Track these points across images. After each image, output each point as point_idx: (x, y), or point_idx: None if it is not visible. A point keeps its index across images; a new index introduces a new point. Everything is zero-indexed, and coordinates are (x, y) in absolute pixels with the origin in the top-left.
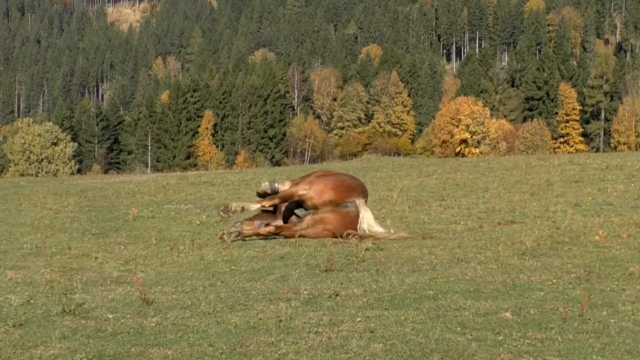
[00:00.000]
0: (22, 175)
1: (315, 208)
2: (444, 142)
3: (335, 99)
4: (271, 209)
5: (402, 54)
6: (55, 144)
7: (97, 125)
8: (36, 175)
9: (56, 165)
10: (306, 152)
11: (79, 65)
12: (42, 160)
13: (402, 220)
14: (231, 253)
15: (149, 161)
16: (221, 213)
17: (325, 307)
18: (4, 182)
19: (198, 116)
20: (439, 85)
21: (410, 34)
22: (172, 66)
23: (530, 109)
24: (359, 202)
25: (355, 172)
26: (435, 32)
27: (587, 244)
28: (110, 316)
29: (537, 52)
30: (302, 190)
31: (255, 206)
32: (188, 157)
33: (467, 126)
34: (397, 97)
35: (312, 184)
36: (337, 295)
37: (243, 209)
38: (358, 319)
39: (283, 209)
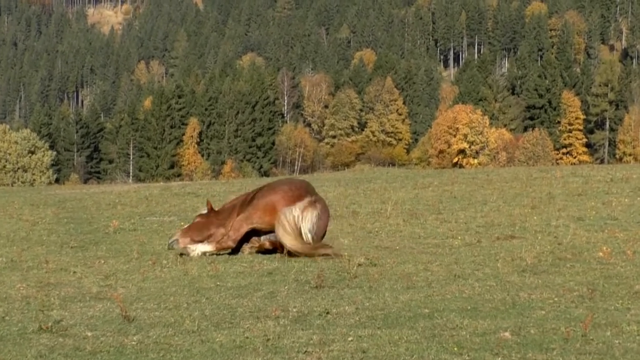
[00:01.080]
0: None
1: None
2: (440, 152)
3: (326, 106)
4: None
5: (397, 60)
6: (32, 152)
7: (77, 132)
8: (12, 185)
9: (33, 174)
10: (296, 162)
11: (58, 70)
12: (18, 169)
13: (396, 235)
14: (216, 268)
15: (131, 171)
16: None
17: (315, 326)
18: None
19: (183, 124)
20: (436, 92)
21: (406, 38)
22: (155, 71)
23: (531, 118)
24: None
25: (348, 184)
26: (432, 36)
27: (590, 260)
28: (90, 334)
29: (539, 58)
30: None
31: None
32: (172, 167)
33: (465, 136)
34: (391, 105)
35: (259, 210)
36: (327, 313)
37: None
38: (350, 338)
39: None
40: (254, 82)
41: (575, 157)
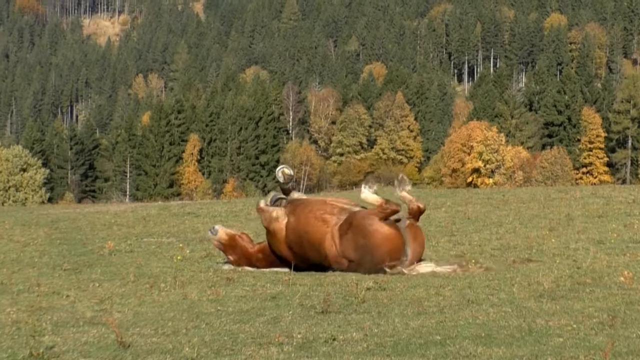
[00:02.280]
0: None
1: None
2: (454, 171)
3: (334, 122)
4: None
5: (408, 74)
6: (24, 170)
7: (71, 149)
8: (3, 205)
9: (25, 193)
10: (302, 181)
11: (52, 83)
12: (9, 187)
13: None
14: (217, 292)
15: (128, 189)
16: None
17: (321, 353)
18: None
19: (182, 140)
20: (449, 108)
21: (418, 51)
22: (154, 84)
23: (549, 136)
24: None
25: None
26: (446, 49)
27: (611, 285)
28: None
29: (558, 72)
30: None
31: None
32: (171, 186)
33: (480, 154)
34: (402, 121)
35: None
36: (334, 339)
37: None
38: None
39: None
40: (258, 96)
41: (595, 177)
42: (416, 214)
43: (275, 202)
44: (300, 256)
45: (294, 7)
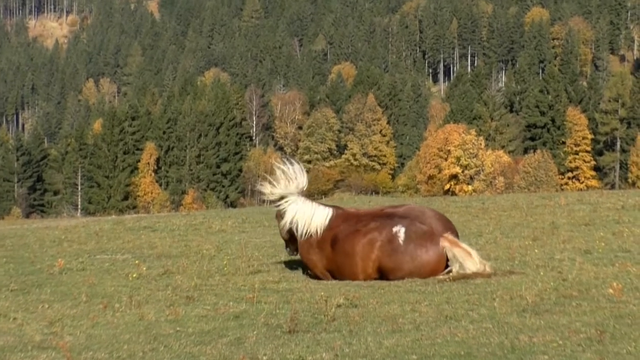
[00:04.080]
0: None
1: None
2: (430, 177)
3: (300, 128)
4: None
5: (379, 74)
6: None
7: (17, 160)
8: None
9: None
10: None
11: None
12: None
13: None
14: (176, 312)
15: (79, 203)
16: None
17: None
18: None
19: (137, 149)
20: (424, 110)
21: (390, 50)
22: (106, 89)
23: (532, 139)
24: None
25: None
26: (420, 47)
27: (599, 298)
28: None
29: (540, 71)
30: None
31: None
32: (126, 198)
33: (458, 159)
34: (374, 125)
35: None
36: None
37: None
38: None
39: None
40: (218, 101)
41: (582, 182)
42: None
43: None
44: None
45: (256, 5)
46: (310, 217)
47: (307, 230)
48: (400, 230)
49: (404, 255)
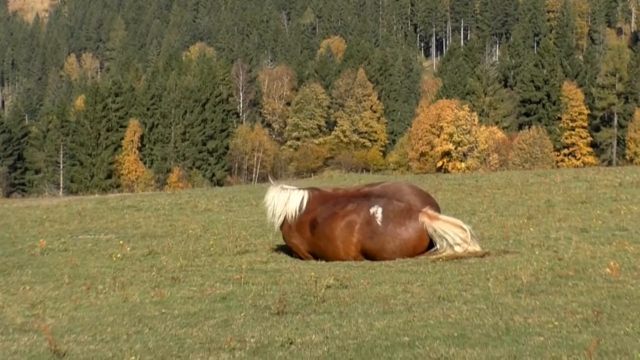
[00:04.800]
0: None
1: None
2: (422, 155)
3: (289, 104)
4: None
5: (370, 48)
6: None
7: None
8: None
9: None
10: (254, 169)
11: None
12: None
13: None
14: (161, 293)
15: (61, 182)
16: None
17: (276, 358)
18: None
19: (121, 126)
20: (416, 85)
21: (380, 23)
22: (88, 65)
23: (527, 114)
24: None
25: None
26: (411, 21)
27: (596, 277)
28: None
29: (535, 44)
30: None
31: None
32: (109, 177)
33: (451, 135)
34: (364, 101)
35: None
36: (291, 343)
37: None
38: None
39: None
40: (204, 76)
41: (578, 159)
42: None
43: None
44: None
45: None
46: (284, 203)
47: (283, 215)
48: (377, 211)
49: (384, 236)
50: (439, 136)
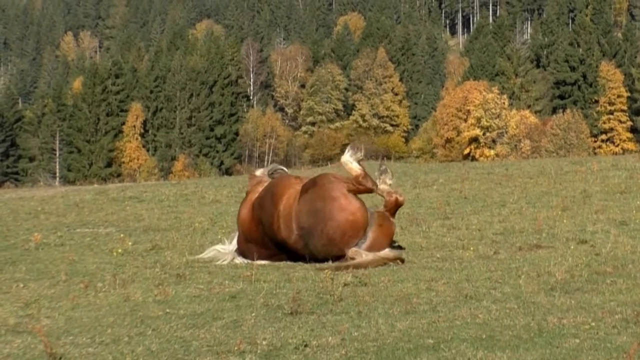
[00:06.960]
0: None
1: None
2: (448, 141)
3: (303, 86)
4: None
5: (391, 26)
6: None
7: None
8: None
9: None
10: (266, 157)
11: None
12: None
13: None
14: (165, 291)
15: (58, 170)
16: None
17: None
18: None
19: (122, 110)
20: (441, 66)
21: None
22: (86, 44)
23: (561, 97)
24: None
25: None
26: None
27: (636, 274)
28: None
29: (570, 21)
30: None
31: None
32: (109, 165)
33: (479, 120)
34: (385, 83)
35: None
36: (306, 345)
37: None
38: None
39: None
40: (212, 56)
41: (617, 145)
42: (392, 207)
43: (272, 174)
44: (259, 219)
45: None
46: None
47: None
48: None
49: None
50: (465, 121)
